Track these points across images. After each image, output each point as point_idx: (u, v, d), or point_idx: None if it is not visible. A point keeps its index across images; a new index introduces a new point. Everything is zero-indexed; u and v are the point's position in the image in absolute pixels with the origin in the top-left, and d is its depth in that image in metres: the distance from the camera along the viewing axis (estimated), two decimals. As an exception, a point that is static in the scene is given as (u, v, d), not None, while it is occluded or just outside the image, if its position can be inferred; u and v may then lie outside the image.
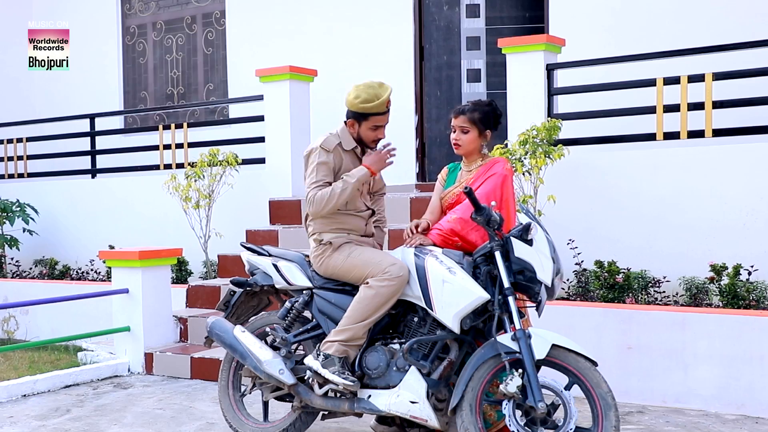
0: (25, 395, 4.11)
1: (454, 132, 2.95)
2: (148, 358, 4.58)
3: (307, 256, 3.15)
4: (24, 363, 4.81)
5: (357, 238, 2.97)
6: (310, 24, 6.86)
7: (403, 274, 2.74)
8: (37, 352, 5.08)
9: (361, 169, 2.89)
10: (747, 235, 4.07)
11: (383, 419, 3.03)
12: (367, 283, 2.77)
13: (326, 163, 2.88)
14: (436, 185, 3.07)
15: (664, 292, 4.18)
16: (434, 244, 2.84)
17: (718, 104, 4.25)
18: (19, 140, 7.18)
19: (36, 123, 7.34)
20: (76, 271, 6.40)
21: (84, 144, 6.98)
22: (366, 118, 2.89)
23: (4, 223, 6.62)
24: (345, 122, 3.00)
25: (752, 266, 3.92)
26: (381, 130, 2.96)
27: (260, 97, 5.79)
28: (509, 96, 4.82)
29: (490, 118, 2.94)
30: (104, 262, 5.33)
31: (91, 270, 6.31)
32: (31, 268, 6.76)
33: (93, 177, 6.82)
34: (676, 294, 4.16)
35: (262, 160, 5.79)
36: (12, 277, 6.55)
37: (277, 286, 3.11)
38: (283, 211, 5.43)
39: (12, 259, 6.82)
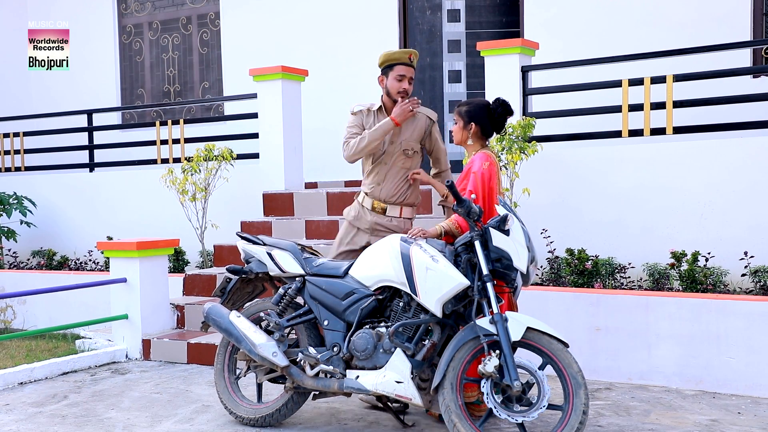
0: (21, 383, 3.91)
1: None
2: (146, 344, 4.49)
3: (300, 245, 3.17)
4: (21, 352, 4.62)
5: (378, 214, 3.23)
6: (301, 27, 6.80)
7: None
8: (35, 341, 4.90)
9: (387, 121, 3.13)
10: (704, 225, 4.15)
11: None
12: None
13: (354, 125, 3.26)
14: None
15: (629, 277, 4.24)
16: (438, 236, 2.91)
17: (678, 104, 4.31)
18: (16, 134, 7.00)
19: (34, 118, 7.16)
20: (74, 262, 6.27)
21: (82, 139, 6.85)
22: (392, 68, 3.17)
23: (1, 215, 6.42)
24: (381, 98, 3.28)
25: (709, 253, 3.99)
26: (405, 81, 3.18)
27: (254, 95, 5.73)
28: (487, 96, 4.83)
29: (476, 113, 3.00)
30: (102, 252, 5.22)
31: (90, 260, 6.20)
32: (28, 259, 6.58)
33: (91, 171, 6.70)
34: (640, 279, 4.22)
35: (256, 155, 5.74)
36: (9, 268, 6.33)
37: (271, 274, 3.11)
38: (276, 203, 5.39)
39: (9, 250, 6.64)
